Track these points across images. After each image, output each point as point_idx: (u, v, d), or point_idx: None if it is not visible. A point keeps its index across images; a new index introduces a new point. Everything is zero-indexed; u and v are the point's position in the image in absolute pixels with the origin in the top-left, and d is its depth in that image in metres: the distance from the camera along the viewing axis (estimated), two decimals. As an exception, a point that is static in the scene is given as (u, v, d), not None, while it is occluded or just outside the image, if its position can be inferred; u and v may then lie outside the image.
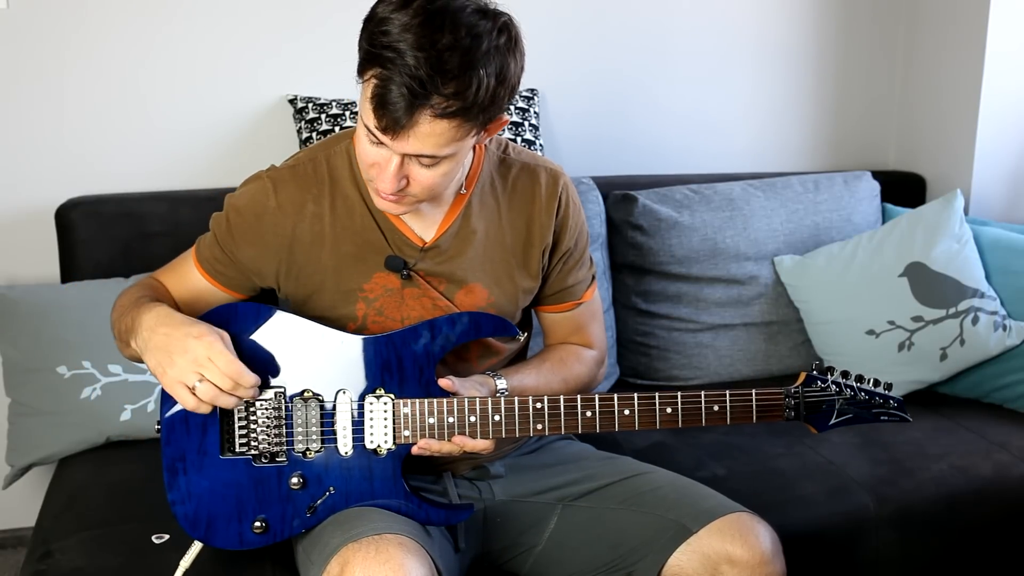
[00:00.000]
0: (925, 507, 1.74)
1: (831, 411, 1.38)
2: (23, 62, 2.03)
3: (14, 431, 1.85)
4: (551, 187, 1.45)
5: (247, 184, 1.40)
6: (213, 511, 1.31)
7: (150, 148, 2.13)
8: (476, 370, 1.44)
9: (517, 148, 1.49)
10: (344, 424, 1.32)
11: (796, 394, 1.37)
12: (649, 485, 1.42)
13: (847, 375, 1.40)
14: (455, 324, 1.34)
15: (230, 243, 1.39)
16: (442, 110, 1.15)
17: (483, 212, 1.42)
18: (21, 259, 2.09)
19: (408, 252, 1.39)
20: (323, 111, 2.08)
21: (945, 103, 2.52)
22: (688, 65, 2.48)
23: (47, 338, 1.82)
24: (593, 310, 1.57)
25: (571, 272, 1.51)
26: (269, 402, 1.31)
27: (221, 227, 1.40)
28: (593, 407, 1.33)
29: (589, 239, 1.56)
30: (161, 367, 1.24)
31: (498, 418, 1.32)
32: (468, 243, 1.41)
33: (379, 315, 1.39)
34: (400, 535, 1.21)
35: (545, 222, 1.44)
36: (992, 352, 2.04)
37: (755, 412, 1.36)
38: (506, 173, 1.45)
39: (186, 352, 1.22)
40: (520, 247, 1.45)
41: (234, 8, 2.12)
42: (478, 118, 1.19)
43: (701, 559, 1.30)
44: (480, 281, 1.42)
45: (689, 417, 1.35)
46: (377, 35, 1.15)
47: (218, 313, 1.33)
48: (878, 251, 2.15)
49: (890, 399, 1.40)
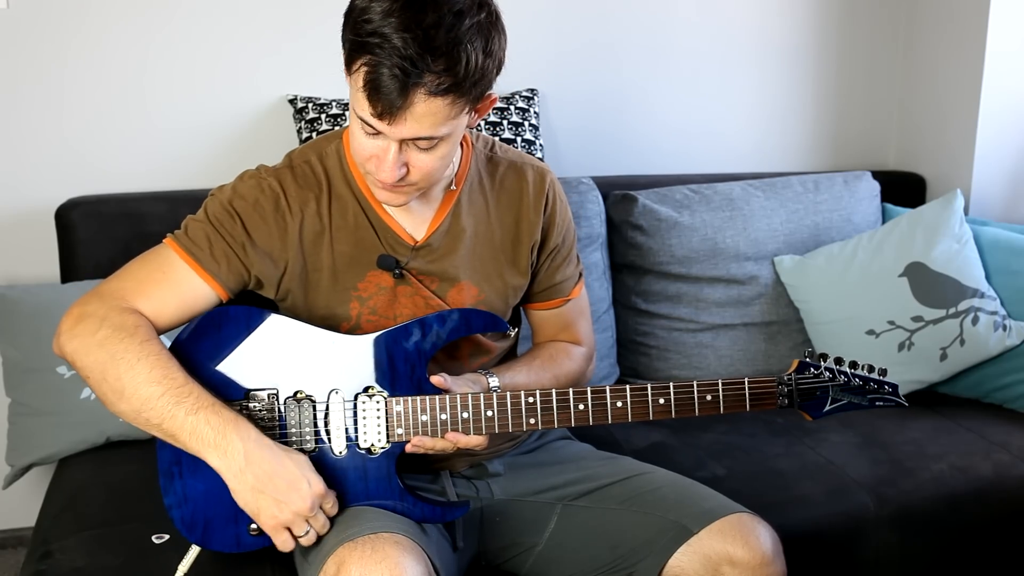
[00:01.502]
0: (925, 507, 1.74)
1: (825, 398, 1.38)
2: (23, 62, 2.03)
3: (14, 431, 1.86)
4: (538, 184, 1.47)
5: (242, 185, 1.36)
6: (209, 514, 1.31)
7: (150, 148, 2.13)
8: (467, 368, 1.44)
9: (504, 147, 1.50)
10: (337, 424, 1.32)
11: (789, 381, 1.37)
12: (649, 485, 1.41)
13: (840, 361, 1.39)
14: (445, 321, 1.34)
15: (243, 236, 1.33)
16: (435, 87, 1.15)
17: (472, 210, 1.43)
18: (21, 259, 2.09)
19: (400, 251, 1.39)
20: (323, 111, 2.08)
21: (945, 103, 2.52)
22: (688, 65, 2.48)
23: (47, 338, 1.78)
24: (581, 307, 1.58)
25: (559, 269, 1.52)
26: (263, 403, 1.31)
27: (229, 222, 1.33)
28: (585, 400, 1.34)
29: (576, 236, 1.57)
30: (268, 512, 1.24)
31: (490, 413, 1.32)
32: (458, 241, 1.41)
33: (373, 314, 1.39)
34: (396, 534, 1.21)
35: (533, 219, 1.46)
36: (992, 352, 2.04)
37: (748, 400, 1.36)
38: (494, 171, 1.46)
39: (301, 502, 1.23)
40: (509, 244, 1.46)
41: (234, 8, 2.12)
42: (470, 93, 1.20)
43: (702, 560, 1.30)
44: (470, 279, 1.43)
45: (682, 407, 1.35)
46: (360, 24, 1.16)
47: (211, 317, 1.32)
48: (878, 251, 2.15)
49: (884, 384, 1.39)
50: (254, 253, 1.34)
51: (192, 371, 1.28)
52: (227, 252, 1.33)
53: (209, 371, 1.31)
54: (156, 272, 1.33)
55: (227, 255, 1.33)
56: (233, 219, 1.33)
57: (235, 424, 1.23)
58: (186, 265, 1.32)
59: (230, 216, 1.33)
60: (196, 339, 1.31)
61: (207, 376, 1.30)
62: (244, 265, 1.35)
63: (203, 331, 1.31)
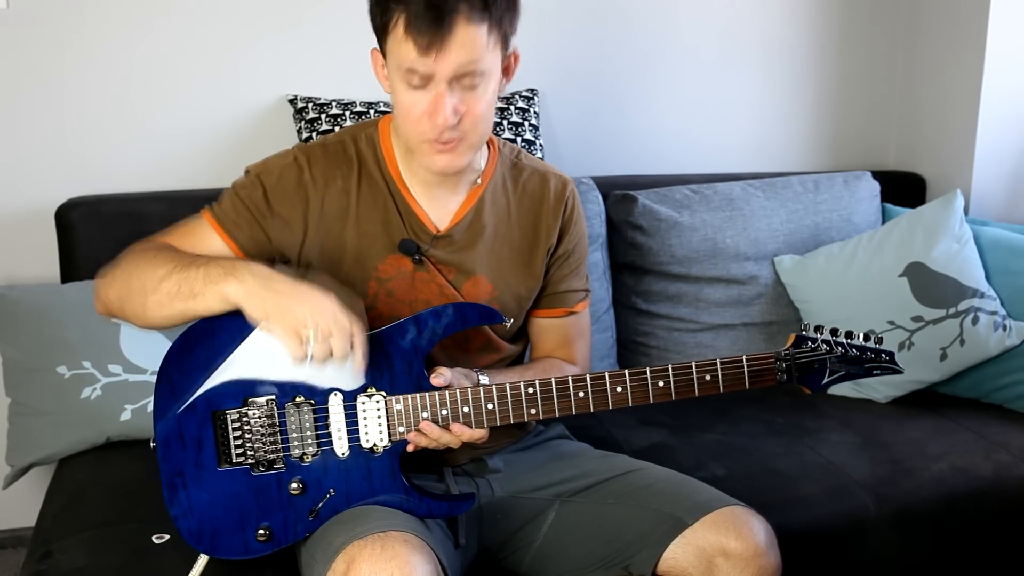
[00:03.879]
0: (925, 507, 1.74)
1: (823, 370, 1.38)
2: (23, 62, 2.03)
3: (14, 431, 1.85)
4: (559, 191, 1.53)
5: (275, 158, 1.44)
6: (216, 523, 1.31)
7: (150, 148, 2.13)
8: (476, 363, 1.46)
9: (529, 156, 1.56)
10: (338, 425, 1.32)
11: (787, 356, 1.38)
12: (644, 481, 1.43)
13: (836, 332, 1.39)
14: (440, 317, 1.35)
15: (263, 206, 1.40)
16: (470, 10, 1.23)
17: (494, 209, 1.48)
18: (21, 259, 2.09)
19: (423, 237, 1.43)
20: (323, 111, 2.08)
21: (945, 103, 2.52)
22: (688, 65, 2.48)
23: (47, 338, 1.82)
24: (582, 326, 1.60)
25: (566, 278, 1.55)
26: (262, 410, 1.31)
27: (252, 191, 1.41)
28: (585, 387, 1.34)
29: (588, 252, 1.61)
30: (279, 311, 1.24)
31: (491, 406, 1.33)
32: (479, 236, 1.46)
33: (389, 296, 1.42)
34: (405, 532, 1.22)
35: (551, 223, 1.51)
36: (992, 352, 2.04)
37: (747, 378, 1.36)
38: (518, 176, 1.52)
39: (315, 303, 1.24)
40: (527, 247, 1.50)
41: (234, 8, 2.12)
42: (500, 21, 1.27)
43: (696, 551, 1.31)
44: (486, 275, 1.46)
45: (682, 388, 1.35)
46: None
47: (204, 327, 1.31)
48: (878, 251, 2.15)
49: (881, 352, 1.39)
50: (272, 221, 1.40)
51: (188, 381, 1.30)
52: (248, 218, 1.40)
53: (205, 380, 1.31)
54: (183, 226, 1.45)
55: (248, 221, 1.40)
56: (256, 188, 1.41)
57: (244, 261, 1.32)
58: (208, 225, 1.42)
59: (255, 185, 1.41)
60: (191, 349, 1.31)
61: (201, 386, 1.30)
62: (264, 230, 1.41)
63: (197, 340, 1.31)
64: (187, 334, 1.31)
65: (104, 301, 1.39)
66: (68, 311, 1.83)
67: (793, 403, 2.10)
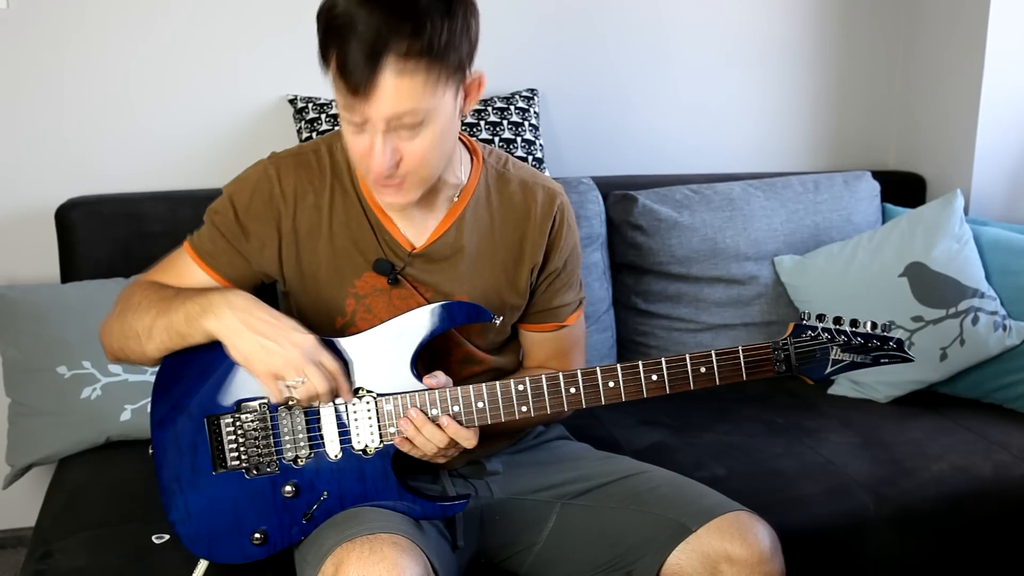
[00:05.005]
0: (925, 507, 1.74)
1: (826, 359, 1.34)
2: (23, 62, 2.03)
3: (14, 431, 1.85)
4: (547, 205, 1.45)
5: (247, 172, 1.40)
6: (213, 528, 1.31)
7: (150, 148, 2.13)
8: (457, 375, 1.41)
9: (518, 164, 1.49)
10: (330, 428, 1.31)
11: (785, 346, 1.33)
12: (647, 484, 1.41)
13: (840, 320, 1.34)
14: (429, 316, 1.33)
15: (236, 229, 1.37)
16: (405, 52, 1.15)
17: (476, 226, 1.42)
18: (21, 259, 2.09)
19: (398, 254, 1.39)
20: (323, 111, 2.08)
21: (945, 103, 2.52)
22: (688, 65, 2.48)
23: (47, 338, 1.82)
24: (576, 337, 1.56)
25: (557, 293, 1.50)
26: (254, 414, 1.31)
27: (224, 215, 1.38)
28: (576, 383, 1.32)
29: (581, 260, 1.54)
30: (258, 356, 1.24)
31: (481, 404, 1.31)
32: (458, 257, 1.41)
33: (368, 312, 1.39)
34: (394, 534, 1.21)
35: (537, 240, 1.44)
36: (992, 352, 2.04)
37: (744, 369, 1.32)
38: (504, 187, 1.45)
39: (294, 347, 1.24)
40: (511, 264, 1.44)
41: (234, 8, 2.12)
42: (444, 60, 1.18)
43: (700, 558, 1.30)
44: (467, 295, 1.42)
45: (676, 382, 1.31)
46: (330, 20, 1.19)
47: None
48: (878, 251, 2.15)
49: (889, 340, 1.33)
50: (248, 243, 1.38)
51: (180, 388, 1.31)
52: (224, 245, 1.38)
53: (197, 386, 1.31)
54: (168, 260, 1.44)
55: (225, 249, 1.39)
56: (228, 211, 1.38)
57: (221, 292, 1.29)
58: (189, 257, 1.41)
59: (226, 208, 1.38)
60: (186, 356, 1.31)
61: (196, 392, 1.31)
62: (242, 255, 1.39)
63: (192, 348, 1.31)
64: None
65: (109, 351, 1.40)
66: (68, 311, 1.83)
67: (793, 403, 2.10)
